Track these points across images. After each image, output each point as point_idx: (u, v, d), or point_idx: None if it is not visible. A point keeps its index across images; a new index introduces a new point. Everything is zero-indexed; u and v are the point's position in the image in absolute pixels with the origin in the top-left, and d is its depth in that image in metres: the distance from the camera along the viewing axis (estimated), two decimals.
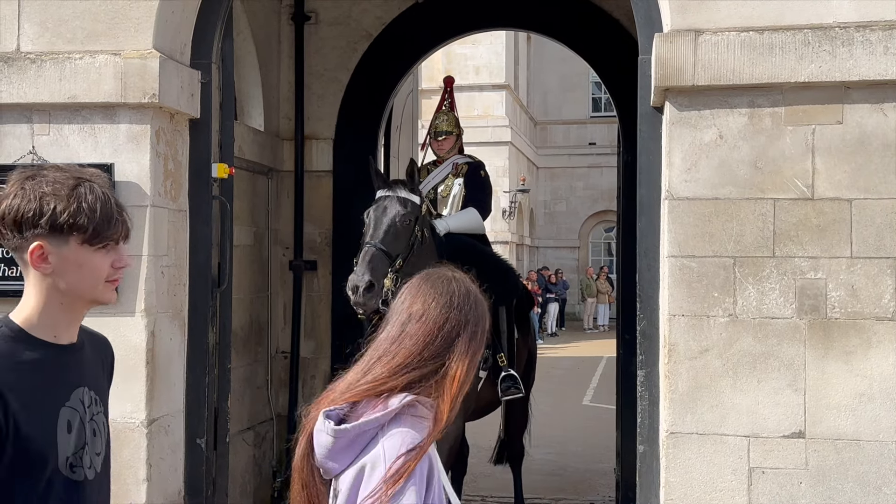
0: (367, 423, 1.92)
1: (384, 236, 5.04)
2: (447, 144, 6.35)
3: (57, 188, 1.92)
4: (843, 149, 3.90)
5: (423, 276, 2.10)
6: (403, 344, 1.98)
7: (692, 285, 3.98)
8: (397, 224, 5.11)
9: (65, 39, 4.45)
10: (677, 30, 4.00)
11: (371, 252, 4.97)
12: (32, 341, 1.96)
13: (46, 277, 1.95)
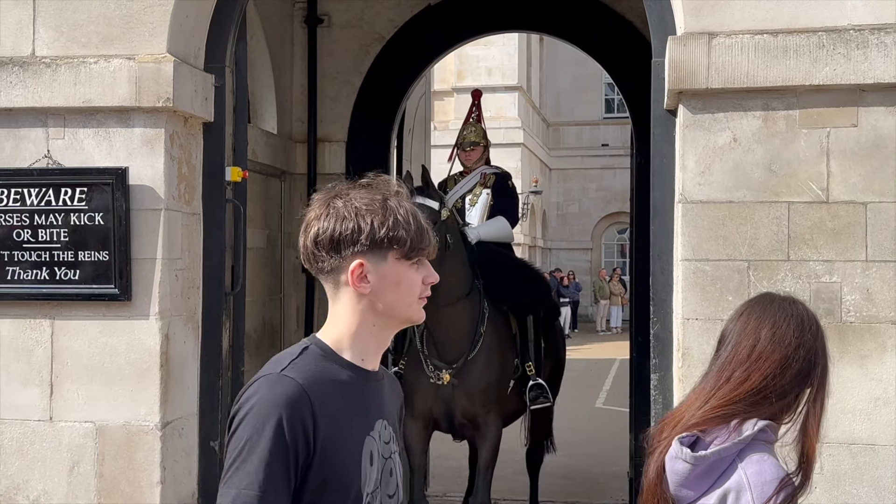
0: (727, 450, 1.88)
1: None
2: (475, 155, 6.42)
3: (369, 203, 1.85)
4: (857, 152, 3.88)
5: (763, 297, 2.04)
6: (758, 367, 1.92)
7: (706, 289, 3.96)
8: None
9: (80, 44, 4.48)
10: (691, 32, 3.99)
11: None
12: (343, 363, 1.88)
13: (363, 298, 1.87)
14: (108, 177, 4.38)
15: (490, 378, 5.61)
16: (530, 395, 5.85)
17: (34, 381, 4.46)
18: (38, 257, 4.44)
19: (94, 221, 4.39)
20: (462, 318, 5.47)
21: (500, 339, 5.73)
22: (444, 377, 5.45)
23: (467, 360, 5.48)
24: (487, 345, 5.57)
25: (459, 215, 6.22)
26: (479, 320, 5.57)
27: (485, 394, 5.59)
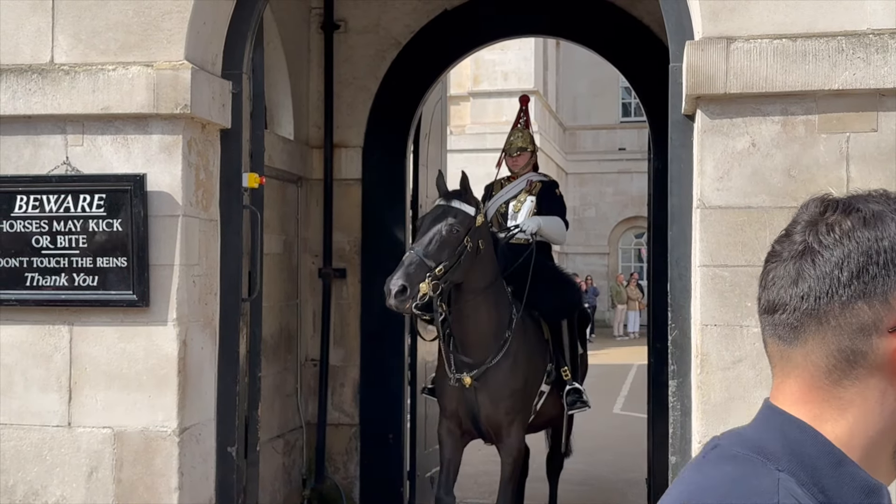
0: None
1: (427, 244, 5.19)
2: (522, 161, 6.44)
3: None
4: (877, 157, 3.85)
5: None
6: None
7: (724, 295, 3.94)
8: (443, 233, 5.23)
9: (98, 51, 4.50)
10: (709, 37, 3.97)
11: (410, 258, 5.15)
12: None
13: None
14: (126, 183, 4.40)
15: (515, 385, 5.58)
16: (567, 400, 5.88)
17: (53, 387, 4.48)
18: (57, 263, 4.46)
19: (112, 228, 4.42)
20: (484, 314, 5.47)
21: (529, 345, 5.70)
22: (466, 380, 5.45)
23: (490, 366, 5.47)
24: (514, 351, 5.55)
25: (503, 219, 6.34)
26: (507, 325, 5.56)
27: (509, 400, 5.57)
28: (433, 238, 5.22)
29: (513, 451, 5.64)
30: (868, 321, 1.08)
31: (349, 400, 7.19)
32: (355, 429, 7.14)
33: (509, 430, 5.63)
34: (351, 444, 7.14)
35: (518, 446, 5.70)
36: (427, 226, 5.32)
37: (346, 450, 7.16)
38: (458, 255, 5.24)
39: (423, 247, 5.18)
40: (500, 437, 5.66)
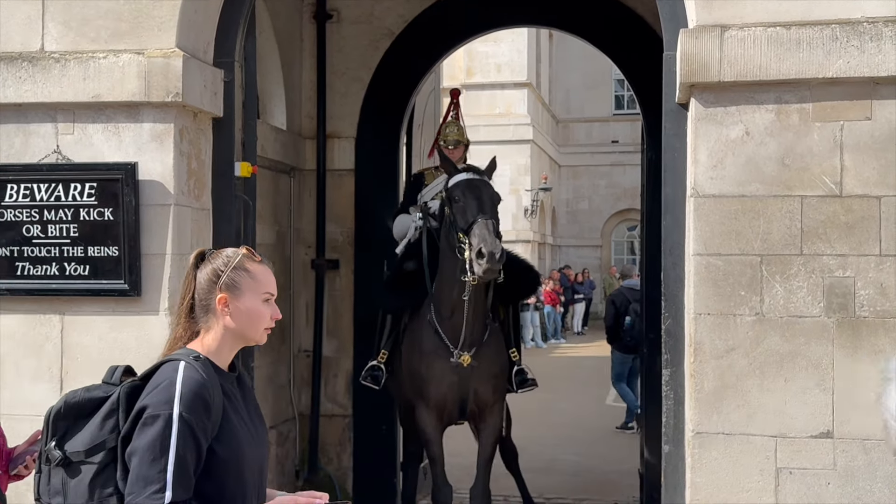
0: None
1: (493, 211, 5.43)
2: (457, 154, 6.45)
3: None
4: (871, 145, 3.85)
5: None
6: None
7: (718, 284, 3.93)
8: (495, 203, 5.51)
9: (88, 39, 4.47)
10: (703, 25, 3.96)
11: (493, 225, 5.31)
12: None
13: None
14: (117, 172, 4.37)
15: (502, 363, 5.79)
16: (517, 381, 5.94)
17: (44, 377, 4.46)
18: (48, 253, 4.44)
19: (103, 217, 4.39)
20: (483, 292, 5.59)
21: (500, 325, 5.90)
22: (465, 358, 5.53)
23: (482, 344, 5.62)
24: (496, 330, 5.76)
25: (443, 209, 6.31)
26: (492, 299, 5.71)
27: (497, 378, 5.75)
28: (495, 206, 5.47)
29: (496, 430, 5.75)
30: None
31: (342, 391, 7.18)
32: (348, 420, 7.13)
33: (493, 410, 5.74)
34: (344, 435, 7.13)
35: (500, 426, 5.81)
36: (479, 195, 5.43)
37: (340, 441, 7.16)
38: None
39: (492, 214, 5.38)
40: (485, 417, 5.75)
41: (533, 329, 21.44)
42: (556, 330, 23.47)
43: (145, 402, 2.28)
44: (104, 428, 2.34)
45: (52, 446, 2.36)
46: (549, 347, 21.53)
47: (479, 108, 25.04)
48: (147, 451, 2.23)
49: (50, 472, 2.38)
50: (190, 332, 2.48)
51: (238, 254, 2.51)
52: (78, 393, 2.41)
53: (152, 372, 2.39)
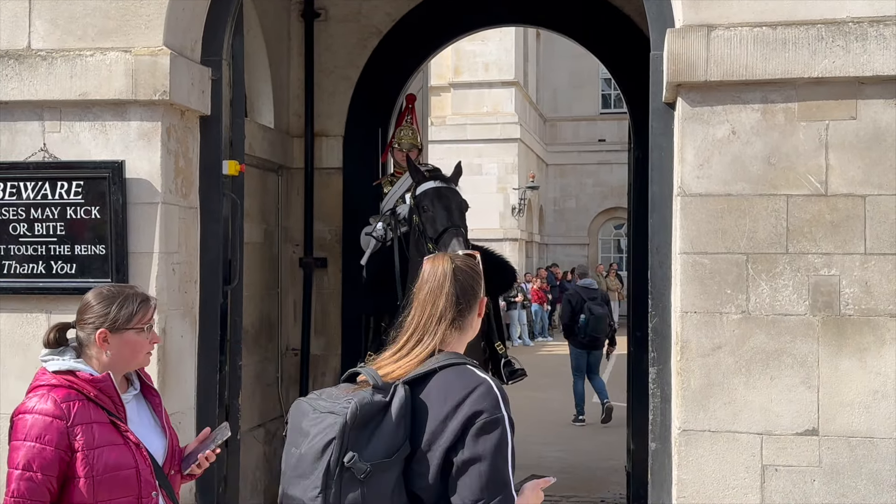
0: None
1: (461, 220, 5.53)
2: (412, 157, 6.54)
3: None
4: (856, 144, 3.87)
5: None
6: None
7: (705, 282, 3.96)
8: (463, 210, 5.59)
9: (76, 37, 4.45)
10: (689, 25, 3.98)
11: (463, 234, 5.41)
12: None
13: None
14: (104, 170, 4.36)
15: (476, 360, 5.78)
16: (506, 372, 6.03)
17: (30, 376, 4.40)
18: (35, 251, 4.42)
19: (90, 215, 4.38)
20: None
21: None
22: None
23: None
24: None
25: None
26: None
27: None
28: (460, 215, 5.54)
29: None
30: None
31: None
32: None
33: None
34: None
35: None
36: (447, 204, 5.51)
37: None
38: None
39: (463, 223, 5.48)
40: None
41: (520, 327, 21.48)
42: (544, 328, 23.53)
43: (477, 408, 2.25)
44: (398, 435, 2.23)
45: (355, 458, 2.18)
46: (537, 345, 21.58)
47: (466, 107, 25.10)
48: (497, 454, 2.22)
49: (341, 486, 2.17)
50: (442, 342, 2.45)
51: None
52: (352, 400, 2.23)
53: (423, 378, 2.33)
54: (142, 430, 2.83)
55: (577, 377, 11.43)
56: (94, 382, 2.72)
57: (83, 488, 2.63)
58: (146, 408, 2.93)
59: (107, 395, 2.73)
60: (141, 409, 2.90)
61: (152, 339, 2.86)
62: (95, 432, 2.67)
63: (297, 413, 2.32)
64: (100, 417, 2.70)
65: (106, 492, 2.66)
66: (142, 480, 2.73)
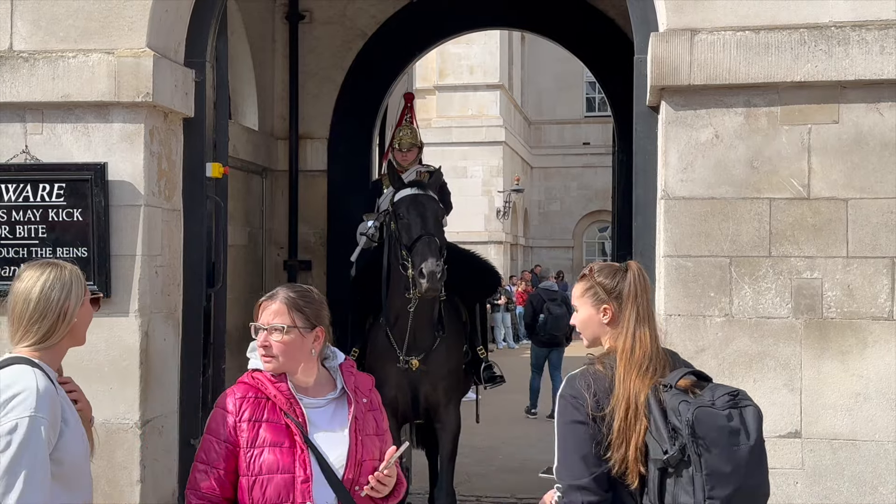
0: None
1: (436, 228, 5.47)
2: (411, 156, 6.50)
3: None
4: (839, 148, 3.90)
5: None
6: None
7: (688, 285, 3.97)
8: (439, 218, 5.55)
9: (58, 38, 4.43)
10: (673, 29, 3.99)
11: (434, 242, 5.35)
12: None
13: None
14: (86, 172, 4.33)
15: (451, 366, 5.80)
16: (485, 376, 6.06)
17: None
18: (16, 254, 4.39)
19: (72, 217, 4.35)
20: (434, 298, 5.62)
21: (456, 328, 5.93)
22: (413, 363, 5.60)
23: (433, 349, 5.66)
24: (448, 334, 5.79)
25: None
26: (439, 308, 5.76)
27: (448, 379, 5.78)
28: (437, 222, 5.51)
29: (453, 428, 5.82)
30: None
31: None
32: None
33: (447, 409, 5.81)
34: None
35: (457, 423, 5.87)
36: (422, 211, 5.48)
37: None
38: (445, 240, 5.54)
39: (435, 231, 5.43)
40: (439, 417, 5.82)
41: (504, 329, 21.49)
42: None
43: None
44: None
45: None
46: (521, 348, 21.57)
47: (451, 110, 25.10)
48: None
49: (675, 483, 2.32)
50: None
51: None
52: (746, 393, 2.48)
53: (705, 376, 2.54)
54: (326, 436, 2.70)
55: (534, 373, 11.93)
56: (273, 382, 2.71)
57: (242, 485, 2.63)
58: (345, 413, 2.77)
59: (284, 396, 2.69)
60: (337, 414, 2.77)
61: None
62: (260, 431, 2.65)
63: (707, 417, 2.33)
64: (273, 417, 2.67)
65: (259, 492, 2.62)
66: (296, 487, 2.62)
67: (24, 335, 2.54)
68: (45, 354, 2.55)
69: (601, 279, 2.63)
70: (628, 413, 2.39)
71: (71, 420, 2.52)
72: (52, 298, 2.55)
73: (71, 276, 2.61)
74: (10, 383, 2.42)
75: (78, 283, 2.62)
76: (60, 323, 2.55)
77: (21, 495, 2.32)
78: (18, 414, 2.36)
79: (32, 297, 2.55)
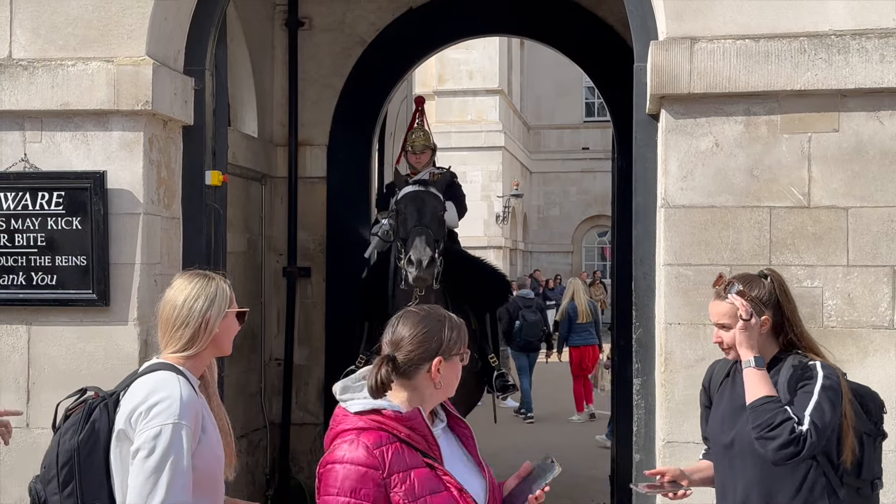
0: None
1: (431, 222, 5.45)
2: (424, 158, 6.48)
3: None
4: (839, 157, 3.89)
5: None
6: None
7: (688, 293, 3.96)
8: (438, 214, 5.55)
9: (57, 46, 4.42)
10: (673, 37, 3.99)
11: (426, 233, 5.31)
12: None
13: None
14: (85, 181, 4.33)
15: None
16: (497, 385, 6.00)
17: (11, 388, 4.40)
18: (15, 262, 4.38)
19: (71, 226, 4.34)
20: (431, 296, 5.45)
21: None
22: None
23: None
24: None
25: None
26: None
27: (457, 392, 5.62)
28: (432, 217, 5.45)
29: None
30: None
31: (314, 399, 7.15)
32: (320, 428, 7.09)
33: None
34: (315, 443, 7.09)
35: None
36: (419, 207, 5.50)
37: (311, 449, 7.11)
38: (444, 235, 5.48)
39: (428, 224, 5.37)
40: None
41: None
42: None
43: None
44: None
45: None
46: None
47: (450, 115, 25.10)
48: None
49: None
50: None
51: None
52: None
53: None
54: (457, 470, 2.38)
55: (521, 377, 12.09)
56: (404, 420, 2.31)
57: None
58: (455, 442, 2.49)
59: (419, 435, 2.32)
60: (451, 445, 2.46)
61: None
62: (415, 481, 2.26)
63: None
64: (415, 461, 2.29)
65: None
66: None
67: (168, 341, 2.65)
68: (189, 361, 2.63)
69: (754, 293, 2.81)
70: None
71: (209, 428, 2.60)
72: (195, 308, 2.63)
73: (216, 289, 2.67)
74: (155, 389, 2.51)
75: (222, 296, 2.68)
76: (202, 332, 2.62)
77: (164, 500, 2.41)
78: (163, 420, 2.46)
79: (177, 304, 2.64)
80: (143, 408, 2.49)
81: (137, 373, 2.66)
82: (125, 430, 2.51)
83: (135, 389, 2.56)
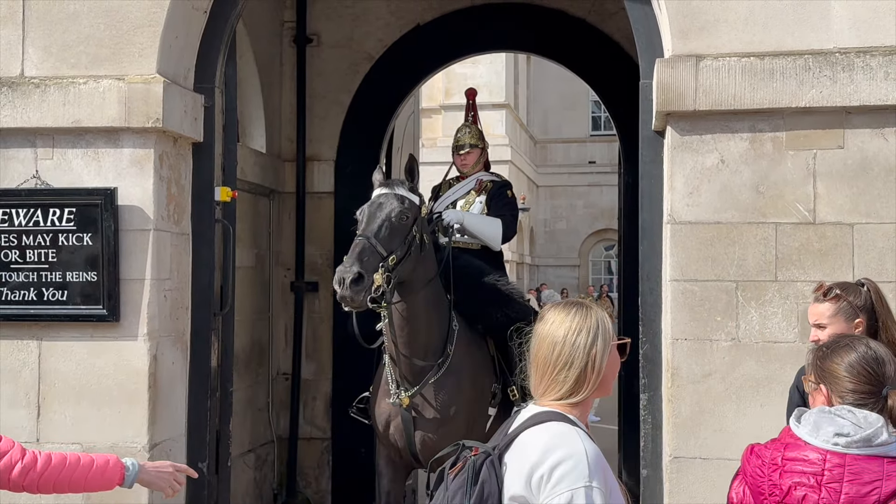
0: None
1: (377, 230, 4.47)
2: (470, 159, 5.81)
3: None
4: (844, 173, 3.91)
5: None
6: None
7: (695, 309, 3.98)
8: (392, 220, 4.52)
9: (69, 64, 4.47)
10: (678, 55, 4.02)
11: (362, 244, 4.40)
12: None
13: None
14: (96, 197, 4.37)
15: (458, 407, 4.83)
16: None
17: (21, 403, 4.43)
18: (26, 278, 4.42)
19: (82, 242, 4.38)
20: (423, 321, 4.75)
21: (473, 361, 4.99)
22: (403, 399, 4.75)
23: (430, 384, 4.78)
24: (456, 367, 4.84)
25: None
26: (446, 337, 4.88)
27: (450, 425, 4.77)
28: (382, 224, 4.49)
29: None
30: None
31: (321, 414, 7.16)
32: (327, 443, 7.11)
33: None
34: (323, 458, 7.11)
35: None
36: (372, 212, 4.58)
37: (318, 464, 7.13)
38: (408, 245, 4.55)
39: (373, 233, 4.45)
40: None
41: None
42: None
43: None
44: None
45: None
46: None
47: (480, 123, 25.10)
48: None
49: None
50: None
51: None
52: None
53: None
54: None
55: None
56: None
57: None
58: None
59: None
60: None
61: None
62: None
63: None
64: None
65: None
66: None
67: (549, 385, 2.24)
68: (576, 409, 2.24)
69: (850, 298, 3.01)
70: None
71: (611, 483, 2.22)
72: (578, 344, 2.22)
73: (597, 320, 2.26)
74: (553, 446, 2.14)
75: (605, 328, 2.26)
76: (590, 372, 2.22)
77: None
78: (571, 484, 2.09)
79: (557, 341, 2.23)
80: (543, 470, 2.11)
81: (514, 425, 2.26)
82: (525, 497, 2.14)
83: (525, 446, 2.17)
